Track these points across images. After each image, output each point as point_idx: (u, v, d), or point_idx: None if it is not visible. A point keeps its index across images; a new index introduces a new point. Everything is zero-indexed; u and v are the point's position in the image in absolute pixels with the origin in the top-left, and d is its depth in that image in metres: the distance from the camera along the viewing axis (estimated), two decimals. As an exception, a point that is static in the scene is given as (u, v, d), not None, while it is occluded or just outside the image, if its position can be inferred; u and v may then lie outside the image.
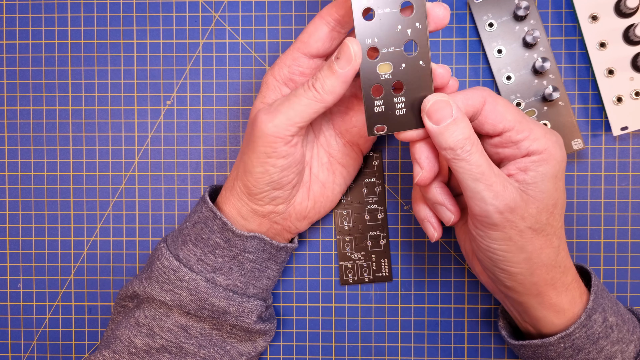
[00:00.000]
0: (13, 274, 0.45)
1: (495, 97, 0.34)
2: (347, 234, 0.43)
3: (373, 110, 0.34)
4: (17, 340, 0.45)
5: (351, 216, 0.43)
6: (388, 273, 0.43)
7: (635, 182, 0.42)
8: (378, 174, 0.43)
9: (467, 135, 0.32)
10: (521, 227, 0.33)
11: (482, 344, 0.43)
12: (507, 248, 0.34)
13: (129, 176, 0.44)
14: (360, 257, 0.43)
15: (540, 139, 0.33)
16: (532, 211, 0.33)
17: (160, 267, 0.38)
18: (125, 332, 0.38)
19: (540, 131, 0.34)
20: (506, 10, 0.41)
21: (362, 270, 0.43)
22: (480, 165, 0.32)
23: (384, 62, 0.34)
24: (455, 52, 0.43)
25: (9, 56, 0.44)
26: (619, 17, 0.40)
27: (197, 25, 0.43)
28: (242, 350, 0.40)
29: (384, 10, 0.33)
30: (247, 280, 0.38)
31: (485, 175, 0.32)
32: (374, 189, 0.43)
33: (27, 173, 0.44)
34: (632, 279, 0.43)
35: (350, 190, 0.43)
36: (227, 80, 0.43)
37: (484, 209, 0.32)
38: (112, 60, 0.44)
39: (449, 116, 0.32)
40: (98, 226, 0.44)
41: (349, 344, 0.44)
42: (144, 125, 0.44)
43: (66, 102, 0.44)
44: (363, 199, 0.43)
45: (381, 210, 0.43)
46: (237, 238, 0.37)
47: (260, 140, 0.35)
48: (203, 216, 0.38)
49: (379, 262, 0.43)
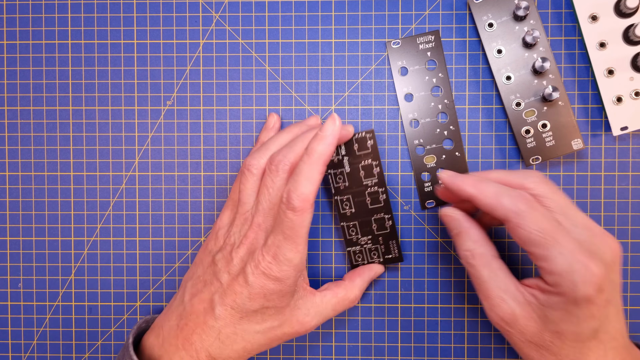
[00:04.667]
0: (13, 273, 0.45)
1: (524, 215, 0.32)
2: (350, 219, 0.41)
3: (423, 189, 0.42)
4: (17, 340, 0.45)
5: (352, 201, 0.41)
6: (398, 254, 0.42)
7: (635, 182, 0.42)
8: (374, 155, 0.40)
9: (468, 248, 0.35)
10: (524, 338, 0.33)
11: (482, 344, 0.43)
12: (516, 347, 0.35)
13: (129, 176, 0.44)
14: (368, 241, 0.42)
15: (554, 275, 0.31)
16: (534, 329, 0.33)
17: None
18: None
19: (561, 264, 0.31)
20: (506, 11, 0.41)
21: (371, 254, 0.42)
22: (481, 277, 0.34)
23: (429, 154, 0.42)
24: (455, 52, 0.43)
25: (9, 56, 0.44)
26: (618, 17, 0.40)
27: (197, 26, 0.44)
28: None
29: (426, 119, 0.42)
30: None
31: (482, 287, 0.34)
32: (372, 170, 0.41)
33: (27, 173, 0.44)
34: (632, 279, 0.43)
35: (347, 175, 0.41)
36: (227, 80, 0.44)
37: (484, 311, 0.35)
38: (112, 60, 0.44)
39: (455, 229, 0.36)
40: (98, 226, 0.44)
41: (349, 344, 0.44)
42: (144, 125, 0.44)
43: (66, 102, 0.44)
44: (362, 183, 0.41)
45: (382, 191, 0.41)
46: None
47: None
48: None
49: (387, 244, 0.42)
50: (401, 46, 0.43)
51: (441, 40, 0.43)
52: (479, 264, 0.34)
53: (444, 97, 0.42)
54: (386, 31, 0.43)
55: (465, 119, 0.43)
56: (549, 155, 0.41)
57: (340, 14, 0.43)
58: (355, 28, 0.43)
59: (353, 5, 0.43)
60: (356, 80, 0.43)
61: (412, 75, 0.43)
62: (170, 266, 0.44)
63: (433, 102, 0.42)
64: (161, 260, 0.44)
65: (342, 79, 0.43)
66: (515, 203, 0.33)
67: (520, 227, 0.32)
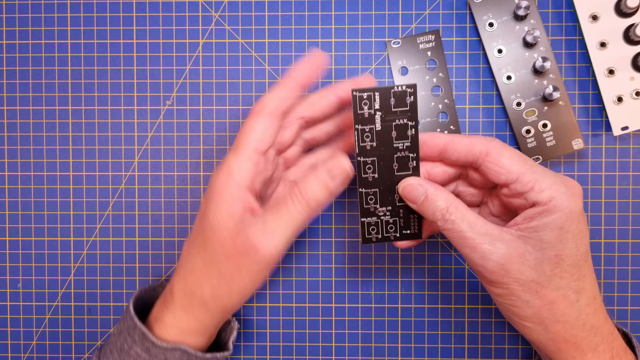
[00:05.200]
0: (13, 274, 0.45)
1: (500, 148, 0.34)
2: (371, 185, 0.36)
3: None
4: (17, 340, 0.45)
5: (376, 165, 0.36)
6: (417, 230, 0.37)
7: (635, 182, 0.42)
8: (412, 114, 0.35)
9: (443, 207, 0.34)
10: (522, 280, 0.33)
11: (482, 344, 0.43)
12: (513, 303, 0.34)
13: (129, 176, 0.44)
14: (386, 212, 0.37)
15: (546, 191, 0.33)
16: (531, 262, 0.33)
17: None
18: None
19: (547, 182, 0.33)
20: (506, 10, 0.41)
21: (387, 227, 0.37)
22: (460, 231, 0.33)
23: None
24: (456, 52, 0.43)
25: (8, 56, 0.44)
26: (619, 17, 0.40)
27: (197, 25, 0.43)
28: None
29: (426, 119, 0.40)
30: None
31: (468, 239, 0.33)
32: (406, 132, 0.36)
33: (26, 173, 0.44)
34: (632, 279, 0.43)
35: (377, 134, 0.36)
36: (227, 80, 0.43)
37: (476, 269, 0.34)
38: (112, 60, 0.44)
39: (421, 195, 0.35)
40: (98, 226, 0.44)
41: (349, 344, 0.44)
42: (143, 125, 0.44)
43: (66, 102, 0.44)
44: (392, 145, 0.36)
45: (413, 157, 0.36)
46: (157, 349, 0.35)
47: (262, 265, 0.34)
48: (126, 325, 0.37)
49: (407, 218, 0.37)
50: (401, 46, 0.43)
51: (441, 39, 0.42)
52: (457, 218, 0.33)
53: (445, 96, 0.42)
54: (386, 31, 0.43)
55: (465, 118, 0.43)
56: (549, 155, 0.41)
57: (340, 14, 0.43)
58: (355, 27, 0.43)
59: (353, 5, 0.43)
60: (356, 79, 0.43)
61: (412, 75, 0.42)
62: (170, 266, 0.44)
63: (433, 102, 0.42)
64: (160, 260, 0.44)
65: (342, 79, 0.43)
66: (492, 140, 0.35)
67: (502, 155, 0.34)
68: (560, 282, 0.33)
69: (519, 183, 0.33)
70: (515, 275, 0.32)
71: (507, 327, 0.43)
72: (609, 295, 0.43)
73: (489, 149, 0.34)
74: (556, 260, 0.33)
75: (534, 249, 0.33)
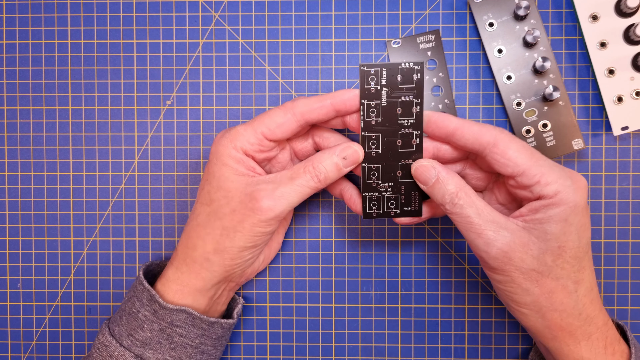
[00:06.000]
0: (13, 274, 0.45)
1: (508, 141, 0.34)
2: (374, 161, 0.37)
3: None
4: (17, 340, 0.45)
5: (380, 140, 0.37)
6: (418, 207, 0.38)
7: (635, 182, 0.42)
8: (417, 92, 0.36)
9: (453, 191, 0.35)
10: (523, 269, 0.33)
11: (482, 344, 0.43)
12: (513, 290, 0.34)
13: (129, 176, 0.44)
14: (388, 188, 0.38)
15: (552, 184, 0.33)
16: (534, 252, 0.33)
17: (97, 343, 0.38)
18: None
19: (553, 176, 0.33)
20: (506, 10, 0.41)
21: (388, 203, 0.38)
22: (468, 216, 0.34)
23: None
24: (456, 52, 0.43)
25: (8, 56, 0.44)
26: (619, 17, 0.40)
27: (197, 25, 0.43)
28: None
29: None
30: (179, 355, 0.37)
31: (474, 224, 0.34)
32: (411, 109, 0.36)
33: (26, 173, 0.44)
34: (632, 279, 0.43)
35: (382, 109, 0.36)
36: (227, 80, 0.43)
37: (479, 254, 0.34)
38: (111, 60, 0.44)
39: (432, 177, 0.35)
40: (98, 226, 0.44)
41: (349, 344, 0.44)
42: (143, 125, 0.44)
43: (66, 102, 0.44)
44: (396, 121, 0.36)
45: (417, 135, 0.37)
46: (164, 310, 0.36)
47: (261, 223, 0.35)
48: (135, 290, 0.38)
49: (408, 195, 0.38)
50: (401, 46, 0.43)
51: (441, 39, 0.42)
52: (465, 203, 0.34)
53: (445, 96, 0.42)
54: (386, 31, 0.43)
55: (465, 118, 0.43)
56: (549, 155, 0.41)
57: (340, 14, 0.43)
58: (355, 27, 0.43)
59: (353, 5, 0.43)
60: (356, 79, 0.43)
61: (412, 75, 0.42)
62: (170, 266, 0.44)
63: (433, 102, 0.42)
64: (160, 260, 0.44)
65: (342, 79, 0.43)
66: (501, 131, 0.35)
67: (509, 148, 0.34)
68: (560, 272, 0.33)
69: (525, 176, 0.34)
70: (517, 263, 0.33)
71: (507, 327, 0.43)
72: (609, 295, 0.43)
73: (496, 140, 0.34)
74: (559, 251, 0.33)
75: (538, 240, 0.33)
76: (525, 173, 0.34)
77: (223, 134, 0.37)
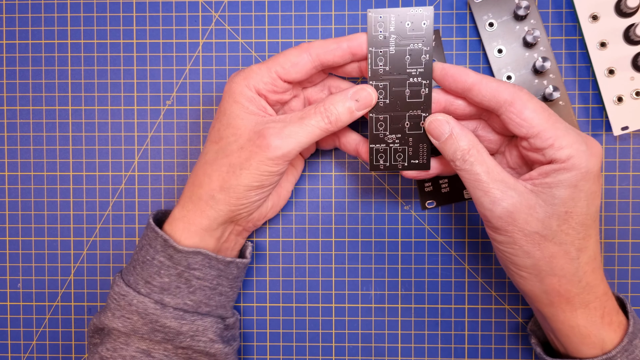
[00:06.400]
0: (13, 274, 0.45)
1: (526, 100, 0.33)
2: (382, 111, 0.36)
3: (424, 189, 0.39)
4: (17, 340, 0.45)
5: (388, 90, 0.36)
6: (426, 160, 0.37)
7: (635, 182, 0.42)
8: (426, 39, 0.35)
9: (465, 148, 0.34)
10: (527, 231, 0.33)
11: (482, 344, 0.43)
12: (514, 252, 0.34)
13: (129, 176, 0.44)
14: (396, 140, 0.37)
15: (565, 148, 0.33)
16: (540, 215, 0.33)
17: (112, 294, 0.37)
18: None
19: (568, 140, 0.33)
20: (506, 10, 0.41)
21: (395, 155, 0.37)
22: (477, 174, 0.34)
23: None
24: (456, 52, 0.43)
25: (8, 56, 0.44)
26: (619, 17, 0.40)
27: (197, 25, 0.43)
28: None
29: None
30: (198, 298, 0.37)
31: (483, 182, 0.33)
32: (420, 57, 0.35)
33: (26, 173, 0.44)
34: (632, 279, 0.43)
35: (390, 57, 0.36)
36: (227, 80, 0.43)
37: (483, 213, 0.34)
38: (111, 60, 0.44)
39: (446, 132, 0.35)
40: (98, 226, 0.44)
41: (349, 344, 0.44)
42: (143, 125, 0.44)
43: (66, 102, 0.44)
44: (405, 70, 0.36)
45: (426, 85, 0.36)
46: (180, 254, 0.36)
47: (267, 161, 0.35)
48: (147, 238, 0.37)
49: (416, 147, 0.37)
50: (401, 46, 0.42)
51: (441, 39, 0.42)
52: (476, 161, 0.34)
53: (444, 96, 0.42)
54: (386, 31, 0.43)
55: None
56: (549, 155, 0.41)
57: (341, 14, 0.43)
58: (355, 27, 0.43)
59: (353, 5, 0.43)
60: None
61: (412, 75, 0.42)
62: (170, 266, 0.44)
63: (433, 102, 0.42)
64: (161, 260, 0.44)
65: (342, 79, 0.43)
66: (520, 89, 0.34)
67: (526, 108, 0.33)
68: (564, 238, 0.33)
69: (539, 138, 0.33)
70: (521, 225, 0.33)
71: (507, 328, 0.43)
72: (609, 295, 0.43)
73: (514, 99, 0.34)
74: (565, 217, 0.33)
75: (545, 203, 0.33)
76: (540, 135, 0.33)
77: (238, 72, 0.37)
